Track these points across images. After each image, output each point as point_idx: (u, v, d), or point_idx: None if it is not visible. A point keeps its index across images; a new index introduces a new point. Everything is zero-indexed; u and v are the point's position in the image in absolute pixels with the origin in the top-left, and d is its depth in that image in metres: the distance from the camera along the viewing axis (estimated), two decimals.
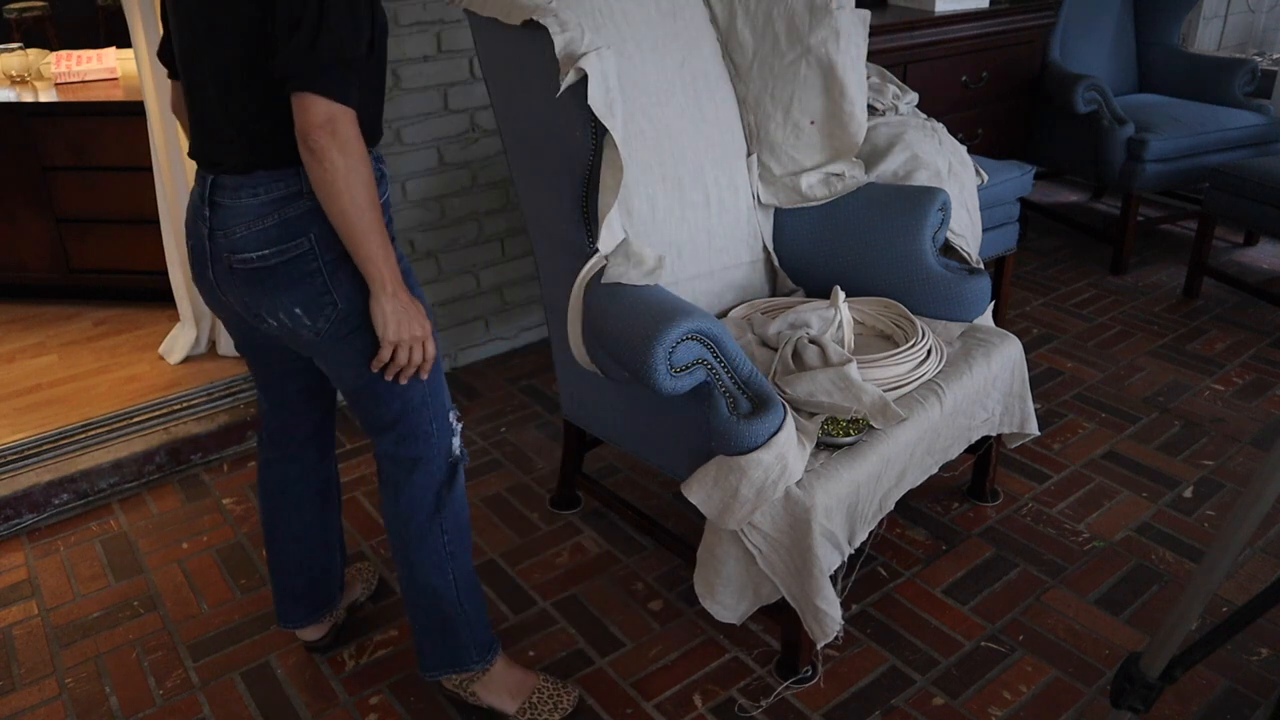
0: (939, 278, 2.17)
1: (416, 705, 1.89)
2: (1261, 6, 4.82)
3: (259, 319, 1.53)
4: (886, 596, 2.12)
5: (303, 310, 1.49)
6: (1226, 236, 3.99)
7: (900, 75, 3.16)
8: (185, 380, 2.88)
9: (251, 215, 1.45)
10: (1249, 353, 3.10)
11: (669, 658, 1.98)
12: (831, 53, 2.19)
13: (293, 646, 2.04)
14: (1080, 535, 2.30)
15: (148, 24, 2.62)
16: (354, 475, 2.60)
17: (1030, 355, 3.01)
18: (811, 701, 1.87)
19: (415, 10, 2.66)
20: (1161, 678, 1.26)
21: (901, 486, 1.92)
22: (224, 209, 1.46)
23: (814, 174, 2.30)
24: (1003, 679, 1.91)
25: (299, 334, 1.52)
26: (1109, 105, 3.53)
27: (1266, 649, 1.96)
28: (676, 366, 1.67)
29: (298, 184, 1.44)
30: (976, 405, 2.06)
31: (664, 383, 1.67)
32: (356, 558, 2.26)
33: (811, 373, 1.85)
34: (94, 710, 1.90)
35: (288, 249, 1.46)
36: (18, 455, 2.52)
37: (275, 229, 1.45)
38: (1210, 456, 2.58)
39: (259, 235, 1.45)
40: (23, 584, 2.25)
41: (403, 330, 1.48)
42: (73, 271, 3.41)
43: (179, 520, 2.45)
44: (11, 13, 5.76)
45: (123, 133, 3.13)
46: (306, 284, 1.47)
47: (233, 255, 1.47)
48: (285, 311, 1.49)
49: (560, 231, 1.92)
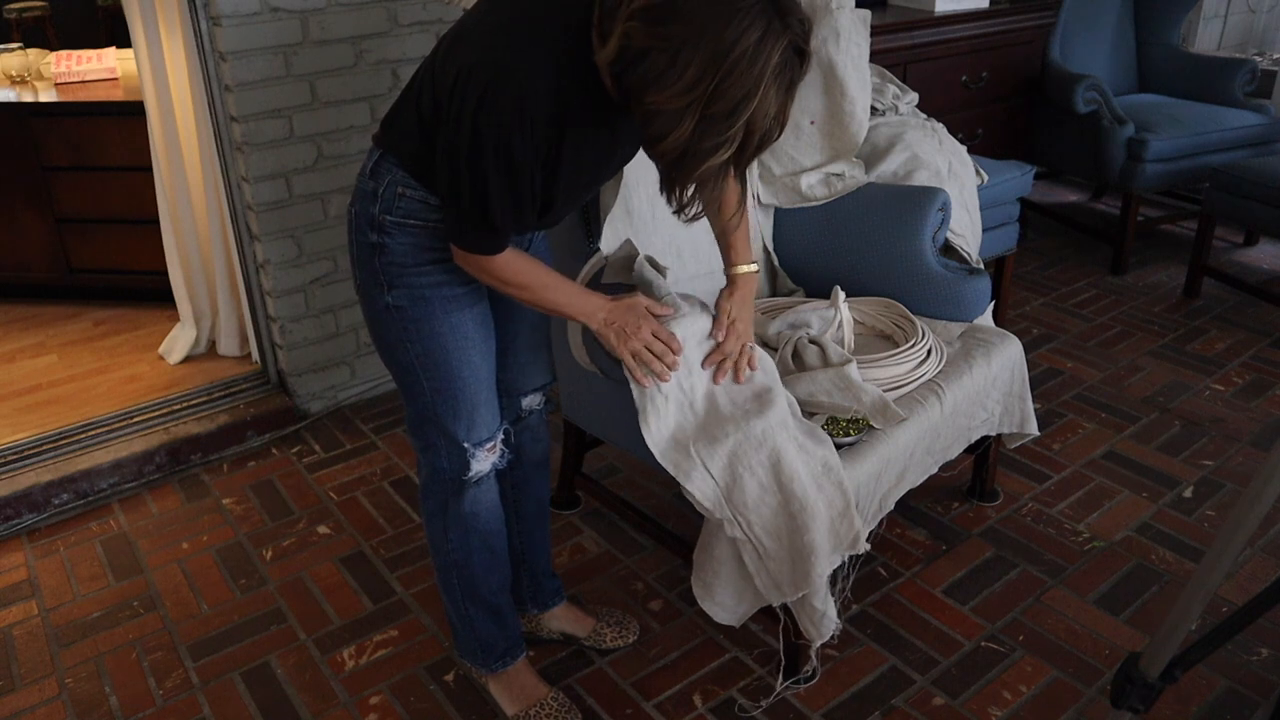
0: (939, 278, 2.17)
1: (417, 705, 1.89)
2: (1261, 6, 4.82)
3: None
4: (886, 596, 2.12)
5: (350, 265, 1.58)
6: (1226, 236, 3.99)
7: (900, 75, 3.16)
8: (185, 380, 2.88)
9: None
10: (1249, 353, 3.10)
11: (669, 658, 1.98)
12: (831, 52, 2.19)
13: (293, 646, 2.04)
14: (1080, 535, 2.30)
15: (148, 24, 2.63)
16: (354, 475, 2.60)
17: (1030, 355, 3.01)
18: (811, 701, 1.87)
19: (415, 10, 2.66)
20: (1161, 678, 1.26)
21: (901, 486, 1.92)
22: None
23: (814, 174, 2.30)
24: (1003, 679, 1.91)
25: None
26: (1109, 105, 3.52)
27: (1266, 649, 1.96)
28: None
29: (368, 161, 1.50)
30: (976, 405, 2.06)
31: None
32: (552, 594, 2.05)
33: (812, 373, 1.85)
34: (94, 710, 1.90)
35: (348, 211, 1.54)
36: (18, 455, 2.52)
37: (354, 188, 1.54)
38: (1210, 456, 2.58)
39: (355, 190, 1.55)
40: (23, 584, 2.25)
41: (620, 343, 1.61)
42: (73, 271, 3.41)
43: (179, 520, 2.45)
44: (11, 13, 5.76)
45: (123, 133, 3.13)
46: (350, 248, 1.55)
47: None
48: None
49: (560, 231, 1.92)
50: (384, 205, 1.47)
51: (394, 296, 1.52)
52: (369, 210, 1.48)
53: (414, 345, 1.55)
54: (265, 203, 2.60)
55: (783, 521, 1.70)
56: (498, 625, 1.80)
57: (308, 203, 2.67)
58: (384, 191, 1.47)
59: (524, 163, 1.31)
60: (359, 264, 1.54)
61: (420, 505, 1.75)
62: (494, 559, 1.76)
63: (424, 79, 1.41)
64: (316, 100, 2.59)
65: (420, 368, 1.57)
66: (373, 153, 1.50)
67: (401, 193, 1.46)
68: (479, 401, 1.61)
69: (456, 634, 1.84)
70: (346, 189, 2.72)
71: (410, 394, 1.62)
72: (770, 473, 1.68)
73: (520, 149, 1.30)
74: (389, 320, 1.54)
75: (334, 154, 2.67)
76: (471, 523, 1.70)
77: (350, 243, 1.55)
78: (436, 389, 1.58)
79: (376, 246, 1.49)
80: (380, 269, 1.50)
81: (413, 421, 1.66)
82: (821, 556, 1.69)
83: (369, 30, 2.60)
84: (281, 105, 2.54)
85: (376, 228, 1.48)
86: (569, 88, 1.30)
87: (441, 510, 1.70)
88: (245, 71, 2.46)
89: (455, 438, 1.62)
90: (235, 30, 2.41)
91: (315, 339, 2.82)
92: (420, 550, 2.31)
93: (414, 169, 1.45)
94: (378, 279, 1.51)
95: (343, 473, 2.62)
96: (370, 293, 1.54)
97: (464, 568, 1.73)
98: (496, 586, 1.78)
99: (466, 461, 1.64)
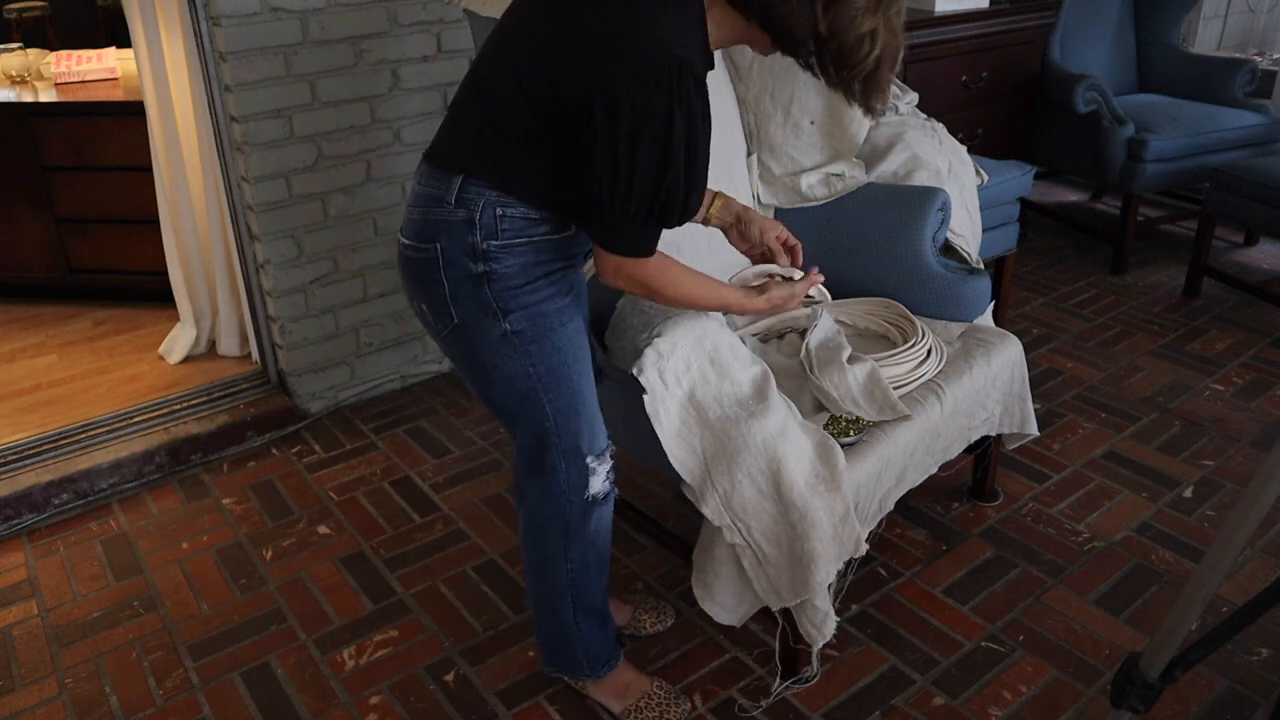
0: (939, 278, 2.17)
1: (417, 705, 1.89)
2: (1261, 6, 4.82)
3: (410, 302, 1.57)
4: (886, 596, 2.12)
5: (429, 310, 1.51)
6: (1226, 236, 3.99)
7: (900, 75, 3.14)
8: (185, 380, 2.88)
9: (411, 200, 1.49)
10: (1249, 353, 3.10)
11: (669, 658, 1.98)
12: None
13: (293, 646, 2.04)
14: (1080, 535, 2.30)
15: (148, 24, 2.63)
16: (354, 475, 2.60)
17: (1030, 355, 3.01)
18: (811, 701, 1.87)
19: (415, 10, 2.67)
20: (1161, 678, 1.26)
21: (901, 486, 1.92)
22: (412, 189, 1.52)
23: (814, 174, 2.30)
24: (1003, 679, 1.91)
25: (429, 329, 1.56)
26: (1109, 105, 3.52)
27: (1266, 649, 1.96)
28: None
29: (445, 190, 1.43)
30: (976, 405, 2.06)
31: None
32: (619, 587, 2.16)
33: (843, 372, 1.86)
34: (94, 710, 1.90)
35: (421, 249, 1.47)
36: (18, 455, 2.52)
37: (418, 224, 1.47)
38: (1210, 456, 2.58)
39: (408, 223, 1.49)
40: (23, 584, 2.25)
41: (769, 308, 1.68)
42: (73, 271, 3.42)
43: (179, 520, 2.45)
44: (11, 13, 5.77)
45: (123, 133, 3.13)
46: (431, 289, 1.48)
47: (399, 233, 1.53)
48: (417, 305, 1.53)
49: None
50: (485, 231, 1.42)
51: (512, 321, 1.47)
52: (466, 240, 1.42)
53: (537, 367, 1.51)
54: (265, 203, 2.60)
55: (782, 529, 1.70)
56: (603, 630, 1.80)
57: (308, 203, 2.67)
58: (480, 217, 1.41)
59: (707, 148, 1.34)
60: (456, 301, 1.46)
61: (530, 538, 1.68)
62: (604, 567, 1.75)
63: (510, 90, 1.36)
64: (316, 100, 2.59)
65: (543, 389, 1.53)
66: (446, 179, 1.43)
67: (501, 214, 1.42)
68: (595, 409, 1.61)
69: (555, 650, 1.81)
70: (347, 189, 2.72)
71: (528, 422, 1.56)
72: (770, 480, 1.68)
73: (706, 133, 1.32)
74: (507, 349, 1.49)
75: (334, 154, 2.67)
76: (593, 540, 1.68)
77: (432, 283, 1.46)
78: (560, 408, 1.55)
79: (482, 276, 1.44)
80: (492, 298, 1.45)
81: (528, 452, 1.60)
82: (821, 564, 1.69)
83: (369, 30, 2.61)
84: (281, 105, 2.54)
85: (479, 256, 1.43)
86: (707, 64, 1.35)
87: (563, 534, 1.65)
88: (245, 71, 2.46)
89: (579, 452, 1.59)
90: (235, 30, 2.41)
91: (315, 339, 2.82)
92: (420, 550, 2.31)
93: (505, 185, 1.41)
94: (489, 309, 1.46)
95: (343, 473, 2.62)
96: (479, 326, 1.47)
97: (580, 585, 1.71)
98: (603, 592, 1.78)
99: (587, 478, 1.61)
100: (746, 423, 1.69)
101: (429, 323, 1.54)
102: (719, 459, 1.70)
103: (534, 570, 1.72)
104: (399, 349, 2.99)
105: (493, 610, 2.12)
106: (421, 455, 2.68)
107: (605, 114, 1.28)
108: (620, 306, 1.84)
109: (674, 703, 1.83)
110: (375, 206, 2.79)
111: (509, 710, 1.87)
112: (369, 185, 2.76)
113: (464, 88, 1.47)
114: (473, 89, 1.45)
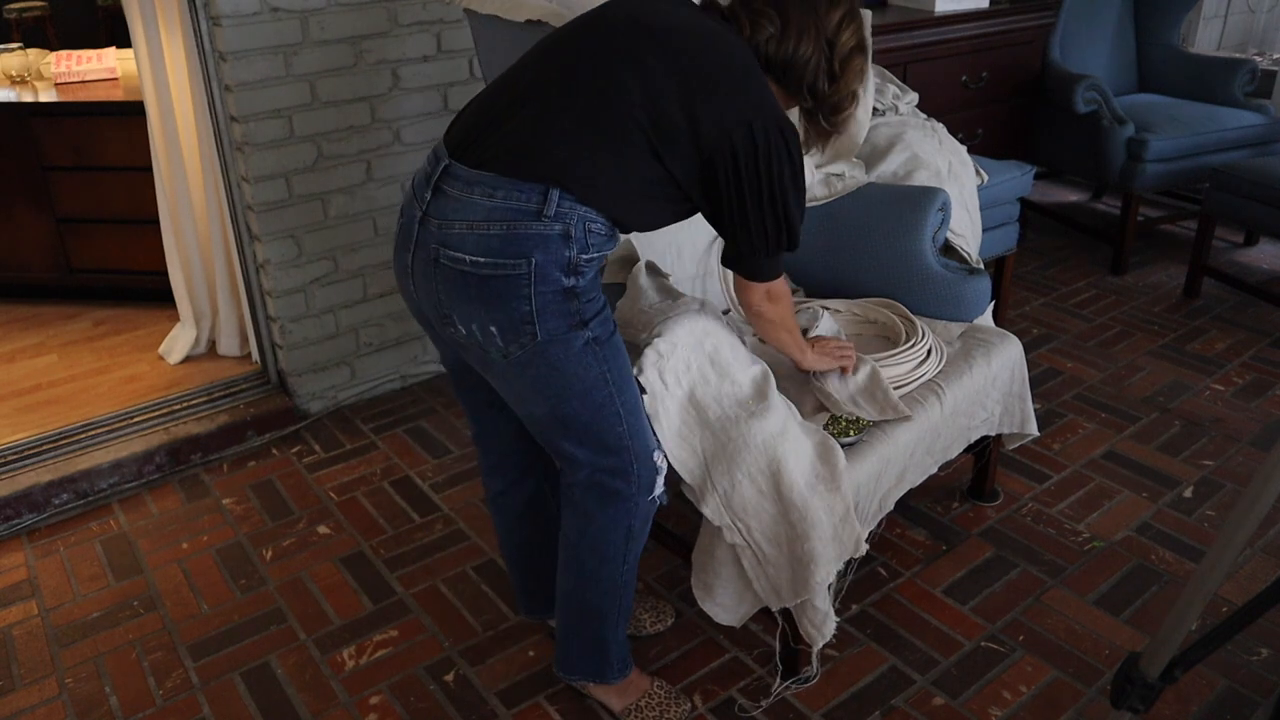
0: (939, 278, 2.17)
1: (417, 705, 1.89)
2: (1261, 6, 4.82)
3: (446, 321, 1.48)
4: (886, 596, 2.12)
5: (498, 330, 1.44)
6: (1226, 236, 3.99)
7: (900, 75, 3.16)
8: (185, 380, 2.88)
9: (476, 215, 1.41)
10: (1249, 353, 3.10)
11: (669, 658, 1.98)
12: None
13: (293, 646, 2.04)
14: (1080, 535, 2.30)
15: (148, 24, 2.63)
16: (354, 475, 2.60)
17: (1030, 355, 3.01)
18: (811, 701, 1.87)
19: (415, 10, 2.66)
20: (1161, 678, 1.26)
21: (901, 486, 1.92)
22: (448, 198, 1.43)
23: (814, 174, 2.30)
24: (1003, 679, 1.91)
25: (486, 351, 1.48)
26: (1109, 105, 3.52)
27: (1266, 649, 1.96)
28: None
29: (540, 204, 1.39)
30: (976, 405, 2.06)
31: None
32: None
33: (844, 381, 1.87)
34: (94, 710, 1.90)
35: (504, 265, 1.40)
36: (18, 455, 2.52)
37: (498, 240, 1.40)
38: (1210, 456, 2.58)
39: (478, 239, 1.40)
40: (23, 584, 2.25)
41: (825, 360, 1.87)
42: (73, 271, 3.42)
43: (179, 520, 2.45)
44: (11, 13, 5.76)
45: (123, 133, 3.13)
46: (512, 306, 1.42)
47: (442, 249, 1.42)
48: (480, 325, 1.44)
49: None
50: (580, 245, 1.42)
51: (592, 329, 1.48)
52: (562, 255, 1.41)
53: (611, 371, 1.51)
54: (265, 203, 2.60)
55: (782, 529, 1.70)
56: (624, 632, 1.80)
57: (308, 203, 2.67)
58: (575, 231, 1.41)
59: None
60: (543, 317, 1.43)
61: (586, 546, 1.66)
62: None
63: (639, 108, 1.39)
64: (316, 100, 2.59)
65: (616, 393, 1.53)
66: (535, 191, 1.39)
67: (590, 228, 1.43)
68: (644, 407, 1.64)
69: (586, 656, 1.78)
70: (346, 189, 2.72)
71: (602, 429, 1.55)
72: (770, 480, 1.68)
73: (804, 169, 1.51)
74: (589, 358, 1.48)
75: (334, 154, 2.67)
76: (642, 538, 1.69)
77: (514, 300, 1.41)
78: (630, 408, 1.56)
79: (570, 290, 1.43)
80: (578, 309, 1.45)
81: (602, 459, 1.57)
82: (821, 564, 1.69)
83: (369, 30, 2.61)
84: (281, 105, 2.54)
85: (571, 270, 1.42)
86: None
87: (625, 538, 1.65)
88: (245, 71, 2.46)
89: (647, 450, 1.60)
90: (235, 30, 2.41)
91: (315, 339, 2.82)
92: (420, 550, 2.31)
93: (594, 199, 1.42)
94: (574, 319, 1.45)
95: (343, 473, 2.62)
96: (565, 338, 1.45)
97: (629, 587, 1.72)
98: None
99: (654, 478, 1.62)
100: (746, 423, 1.69)
101: (493, 344, 1.46)
102: (719, 459, 1.70)
103: (585, 577, 1.69)
104: (399, 349, 2.99)
105: (493, 610, 2.12)
106: (421, 455, 2.68)
107: (747, 154, 1.41)
108: (621, 307, 1.84)
109: (674, 702, 1.83)
110: (375, 206, 2.79)
111: (509, 710, 1.87)
112: (369, 185, 2.76)
113: (537, 95, 1.44)
114: (562, 100, 1.42)
